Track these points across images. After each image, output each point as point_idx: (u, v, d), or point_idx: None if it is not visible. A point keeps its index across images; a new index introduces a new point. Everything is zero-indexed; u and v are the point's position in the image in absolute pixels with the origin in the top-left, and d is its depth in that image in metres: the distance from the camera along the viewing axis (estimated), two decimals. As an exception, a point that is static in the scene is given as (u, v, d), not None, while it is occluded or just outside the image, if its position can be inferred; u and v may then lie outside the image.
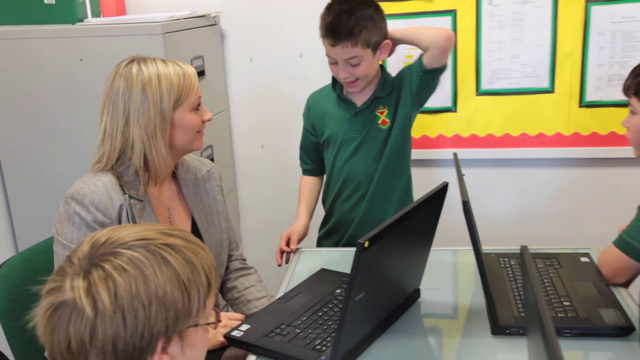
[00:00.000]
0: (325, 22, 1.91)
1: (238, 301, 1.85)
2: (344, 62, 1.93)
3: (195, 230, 1.76)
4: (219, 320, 1.02)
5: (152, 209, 1.64)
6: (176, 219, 1.74)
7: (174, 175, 1.75)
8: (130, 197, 1.59)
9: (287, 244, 2.04)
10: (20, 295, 1.60)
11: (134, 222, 1.57)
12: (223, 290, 1.92)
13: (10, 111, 2.33)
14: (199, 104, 1.66)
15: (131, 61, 1.60)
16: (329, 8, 1.93)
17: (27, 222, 2.44)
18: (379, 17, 1.94)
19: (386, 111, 2.04)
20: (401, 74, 2.06)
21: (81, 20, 2.38)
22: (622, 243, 1.62)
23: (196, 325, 0.94)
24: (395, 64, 2.56)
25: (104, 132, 1.59)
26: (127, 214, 1.57)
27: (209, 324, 0.97)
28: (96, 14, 2.48)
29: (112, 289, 0.86)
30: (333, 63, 1.96)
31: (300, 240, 2.07)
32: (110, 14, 2.56)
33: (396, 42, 1.98)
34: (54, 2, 2.33)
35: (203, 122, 1.68)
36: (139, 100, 1.55)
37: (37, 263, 1.70)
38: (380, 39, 1.95)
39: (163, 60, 1.61)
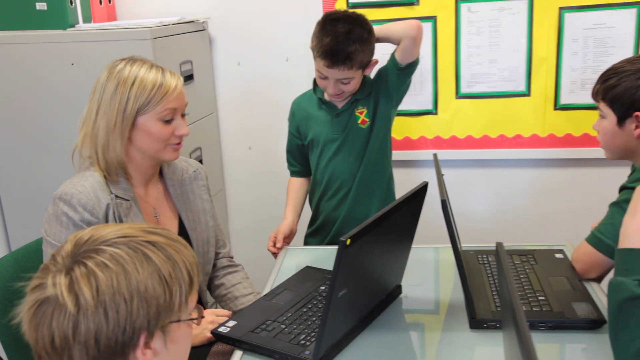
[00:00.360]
0: (322, 44, 1.90)
1: (225, 298, 1.85)
2: (336, 80, 1.95)
3: (182, 229, 1.76)
4: (201, 317, 1.01)
5: (139, 208, 1.64)
6: (163, 217, 1.73)
7: (162, 175, 1.75)
8: (116, 196, 1.58)
9: (274, 244, 2.05)
10: (12, 294, 1.59)
11: (120, 221, 1.57)
12: (211, 287, 1.92)
13: (2, 114, 2.32)
14: (172, 118, 1.60)
15: (124, 59, 1.60)
16: (324, 27, 1.92)
17: (20, 222, 2.43)
18: (370, 38, 1.95)
19: (365, 111, 2.06)
20: (378, 74, 2.08)
21: (72, 26, 2.37)
22: (595, 240, 1.64)
23: (179, 320, 0.94)
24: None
25: (83, 116, 1.60)
26: (114, 213, 1.56)
27: (191, 319, 0.97)
28: (87, 19, 2.47)
29: (94, 285, 0.86)
30: (323, 78, 1.97)
31: (287, 237, 2.08)
32: (101, 20, 2.56)
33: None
34: (45, 8, 2.32)
35: (175, 135, 1.62)
36: (109, 95, 1.55)
37: (29, 262, 1.69)
38: (370, 59, 1.98)
39: (152, 65, 1.60)
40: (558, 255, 1.82)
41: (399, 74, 2.01)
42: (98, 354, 0.87)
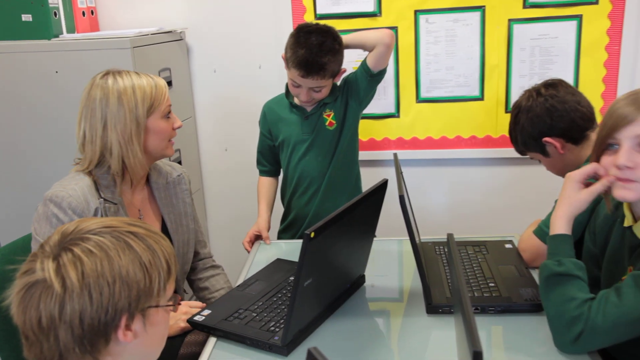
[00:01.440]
0: (297, 55, 1.90)
1: (209, 301, 1.83)
2: (309, 89, 1.95)
3: (164, 231, 1.74)
4: (178, 304, 1.01)
5: (125, 211, 1.62)
6: (146, 219, 1.71)
7: (147, 179, 1.73)
8: (105, 200, 1.56)
9: (251, 241, 2.06)
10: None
11: None
12: (194, 287, 1.91)
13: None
14: (169, 112, 1.64)
15: (106, 74, 1.58)
16: (298, 40, 1.92)
17: (7, 220, 2.39)
18: (341, 49, 1.96)
19: (332, 114, 2.07)
20: (345, 80, 2.08)
21: (57, 36, 2.35)
22: (540, 232, 1.67)
23: (157, 305, 0.94)
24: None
25: (84, 137, 1.57)
26: (102, 216, 1.54)
27: (168, 305, 0.97)
28: (71, 30, 2.44)
29: (79, 269, 0.87)
30: (296, 86, 1.97)
31: (262, 231, 2.07)
32: (84, 30, 2.53)
33: (345, 47, 2.00)
34: (31, 20, 2.30)
35: (174, 129, 1.66)
36: (115, 108, 1.54)
37: (16, 258, 1.67)
38: (339, 69, 1.99)
39: (136, 73, 1.60)
40: (507, 246, 1.85)
41: (370, 80, 2.03)
42: (82, 334, 0.88)
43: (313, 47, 1.89)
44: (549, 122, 1.71)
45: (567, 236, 1.35)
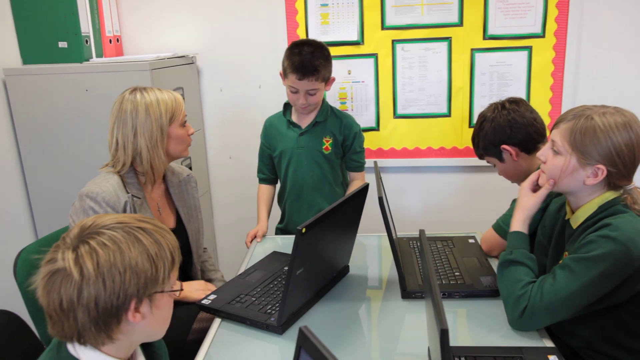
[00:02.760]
0: (293, 62, 1.91)
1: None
2: (305, 92, 1.95)
3: (179, 221, 1.76)
4: (180, 290, 1.02)
5: (147, 204, 1.64)
6: (164, 211, 1.74)
7: (164, 178, 1.75)
8: (132, 195, 1.59)
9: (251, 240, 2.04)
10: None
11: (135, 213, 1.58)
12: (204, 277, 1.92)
13: (33, 126, 2.28)
14: (185, 121, 1.69)
15: (134, 89, 1.62)
16: (292, 51, 1.94)
17: (45, 216, 2.37)
18: (330, 58, 1.98)
19: (330, 140, 2.08)
20: (350, 128, 2.09)
21: (87, 60, 2.35)
22: (497, 227, 1.70)
23: (162, 291, 0.95)
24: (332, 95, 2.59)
25: (116, 144, 1.61)
26: (130, 208, 1.57)
27: (173, 291, 0.98)
28: (99, 54, 2.44)
29: (95, 259, 0.87)
30: (294, 92, 1.96)
31: (263, 235, 2.06)
32: (110, 55, 2.52)
33: None
34: (66, 46, 2.31)
35: (189, 135, 1.70)
36: (143, 118, 1.58)
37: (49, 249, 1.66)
38: (330, 75, 2.00)
39: (158, 89, 1.64)
40: (471, 240, 1.86)
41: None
42: (97, 315, 0.88)
43: (307, 54, 1.91)
44: (508, 132, 1.71)
45: (522, 233, 1.41)
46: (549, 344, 1.26)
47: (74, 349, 0.93)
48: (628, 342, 1.33)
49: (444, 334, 0.77)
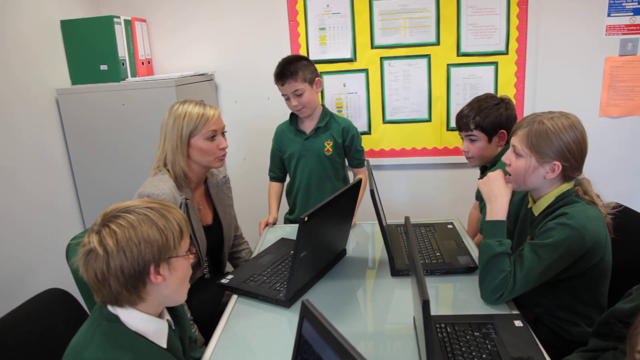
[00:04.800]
0: (275, 73, 1.93)
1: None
2: (293, 94, 1.93)
3: (216, 217, 1.73)
4: (193, 253, 1.03)
5: (193, 203, 1.61)
6: (204, 210, 1.71)
7: (205, 180, 1.72)
8: (185, 197, 1.55)
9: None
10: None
11: (187, 213, 1.55)
12: (231, 256, 1.90)
13: (81, 135, 2.28)
14: (214, 135, 1.58)
15: (181, 102, 1.59)
16: (276, 68, 1.95)
17: (92, 211, 2.37)
18: (310, 64, 1.96)
19: (331, 143, 2.06)
20: (347, 131, 2.06)
21: (124, 79, 2.34)
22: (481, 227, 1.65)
23: (177, 255, 0.97)
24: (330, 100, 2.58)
25: (158, 145, 1.59)
26: (184, 208, 1.54)
27: (186, 255, 1.00)
28: (134, 74, 2.43)
29: (114, 237, 0.91)
30: (287, 99, 1.95)
31: (274, 223, 2.05)
32: (142, 75, 2.51)
33: None
34: (107, 69, 2.31)
35: (219, 149, 1.59)
36: (170, 127, 1.55)
37: None
38: (313, 77, 1.96)
39: (198, 103, 1.57)
40: (449, 226, 1.85)
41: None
42: (125, 281, 0.92)
43: (283, 64, 1.92)
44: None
45: (505, 222, 1.32)
46: (515, 311, 1.25)
47: (113, 309, 0.96)
48: (580, 309, 1.33)
49: (425, 304, 0.76)
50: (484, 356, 1.03)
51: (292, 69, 1.90)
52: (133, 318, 0.95)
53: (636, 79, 2.43)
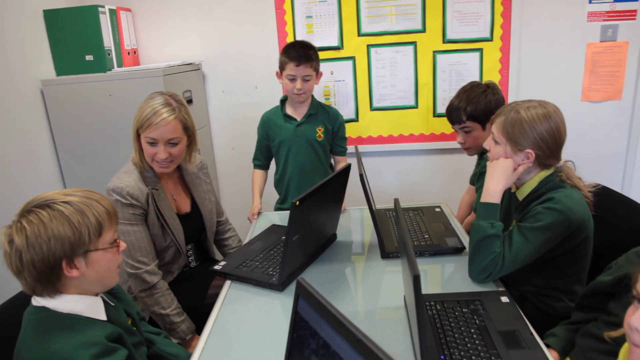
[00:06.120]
0: (290, 54, 1.93)
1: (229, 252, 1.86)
2: (302, 78, 1.94)
3: (194, 205, 1.71)
4: (116, 246, 1.02)
5: (164, 193, 1.59)
6: (178, 198, 1.68)
7: (178, 168, 1.69)
8: (152, 187, 1.54)
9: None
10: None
11: (156, 204, 1.53)
12: (217, 244, 1.88)
13: (67, 127, 2.25)
14: (154, 143, 1.48)
15: (156, 92, 1.54)
16: (287, 49, 1.95)
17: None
18: (318, 55, 1.99)
19: (322, 129, 2.07)
20: (336, 118, 2.09)
21: (110, 70, 2.31)
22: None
23: (95, 249, 0.96)
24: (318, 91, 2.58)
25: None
26: (152, 198, 1.52)
27: (105, 248, 0.99)
28: (120, 65, 2.40)
29: (23, 234, 0.91)
30: (292, 80, 1.95)
31: (259, 213, 2.04)
32: (129, 65, 2.48)
33: None
34: (92, 59, 2.28)
35: (157, 155, 1.49)
36: (135, 116, 1.51)
37: None
38: (319, 69, 2.00)
39: (165, 103, 1.48)
40: (437, 209, 1.87)
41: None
42: (38, 275, 0.93)
43: (301, 47, 1.94)
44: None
45: (498, 205, 1.32)
46: (501, 288, 1.28)
47: (38, 302, 0.97)
48: (564, 285, 1.37)
49: (416, 279, 0.78)
50: (472, 330, 1.06)
51: (311, 54, 1.93)
52: (61, 302, 0.96)
53: (616, 64, 2.47)
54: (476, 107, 1.70)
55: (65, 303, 0.96)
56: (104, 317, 1.00)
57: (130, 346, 1.03)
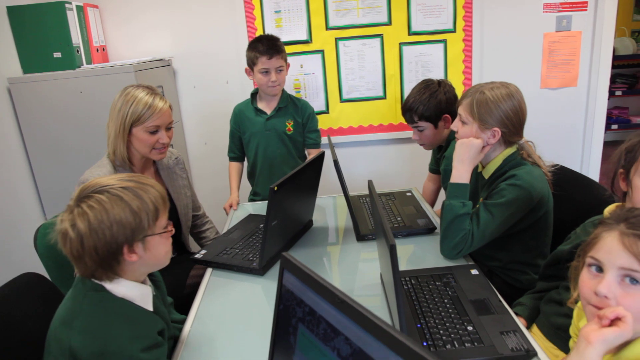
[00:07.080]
0: (259, 49, 1.94)
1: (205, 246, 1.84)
2: (275, 70, 1.95)
3: (169, 199, 1.70)
4: (170, 230, 1.03)
5: None
6: None
7: (154, 162, 1.69)
8: None
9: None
10: (54, 245, 1.52)
11: None
12: (195, 237, 1.89)
13: (37, 126, 2.20)
14: (157, 130, 1.52)
15: (135, 85, 1.53)
16: (255, 44, 1.96)
17: (53, 199, 2.31)
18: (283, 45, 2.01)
19: (292, 123, 2.09)
20: (306, 110, 2.11)
21: (79, 67, 2.26)
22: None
23: (153, 234, 0.97)
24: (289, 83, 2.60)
25: (107, 129, 1.54)
26: None
27: (161, 233, 0.99)
28: (89, 62, 2.36)
29: (86, 219, 0.91)
30: (266, 73, 1.96)
31: (237, 203, 2.06)
32: (98, 62, 2.44)
33: None
34: (60, 56, 2.23)
35: (159, 142, 1.54)
36: (117, 110, 1.50)
37: None
38: (287, 60, 2.02)
39: (152, 92, 1.51)
40: (408, 194, 1.93)
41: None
42: (99, 260, 0.93)
43: (269, 40, 1.96)
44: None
45: (468, 185, 1.38)
46: (471, 262, 1.35)
47: (97, 280, 0.97)
48: (529, 259, 1.45)
49: (392, 249, 0.82)
50: (445, 301, 1.12)
51: (280, 45, 1.95)
52: (118, 286, 0.97)
53: (571, 53, 2.60)
54: (427, 108, 1.77)
55: (121, 288, 0.96)
56: (151, 307, 1.01)
57: (166, 339, 1.04)
